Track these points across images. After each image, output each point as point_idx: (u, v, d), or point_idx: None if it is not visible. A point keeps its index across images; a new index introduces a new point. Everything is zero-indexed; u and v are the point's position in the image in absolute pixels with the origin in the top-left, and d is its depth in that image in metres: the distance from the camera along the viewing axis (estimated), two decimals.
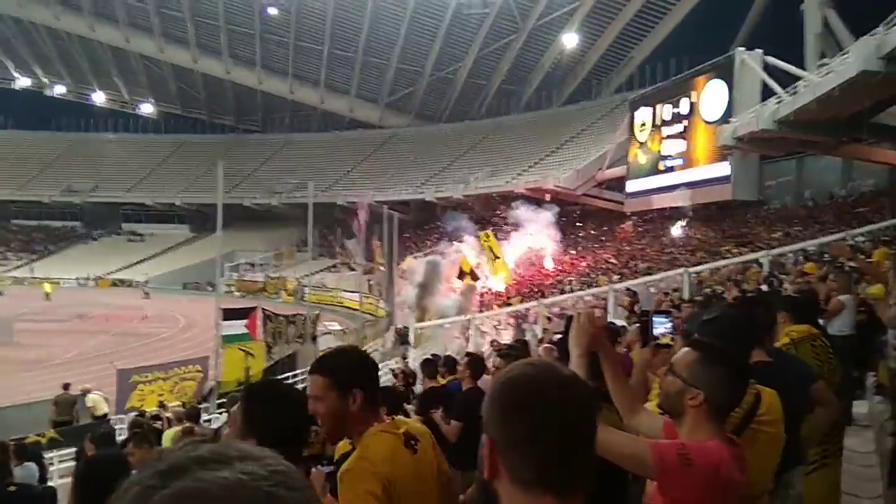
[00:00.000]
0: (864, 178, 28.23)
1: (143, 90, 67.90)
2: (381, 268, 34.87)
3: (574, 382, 1.15)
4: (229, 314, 19.23)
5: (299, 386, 12.43)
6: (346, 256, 46.82)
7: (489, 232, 33.41)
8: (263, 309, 20.86)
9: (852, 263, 9.56)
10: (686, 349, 2.04)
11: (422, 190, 49.44)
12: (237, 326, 19.03)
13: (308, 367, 2.15)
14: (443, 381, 6.63)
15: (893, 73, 17.15)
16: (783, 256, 16.73)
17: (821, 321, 6.61)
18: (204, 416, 13.14)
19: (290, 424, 2.01)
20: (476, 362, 5.72)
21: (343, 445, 2.51)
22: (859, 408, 6.18)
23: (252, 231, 54.11)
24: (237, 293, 46.30)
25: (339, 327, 28.07)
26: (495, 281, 31.72)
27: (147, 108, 69.37)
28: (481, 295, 30.04)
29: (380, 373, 2.29)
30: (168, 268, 55.28)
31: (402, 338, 23.91)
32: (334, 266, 48.50)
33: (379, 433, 2.02)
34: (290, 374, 19.44)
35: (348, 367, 2.05)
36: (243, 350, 18.74)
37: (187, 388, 17.19)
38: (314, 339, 22.32)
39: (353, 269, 43.99)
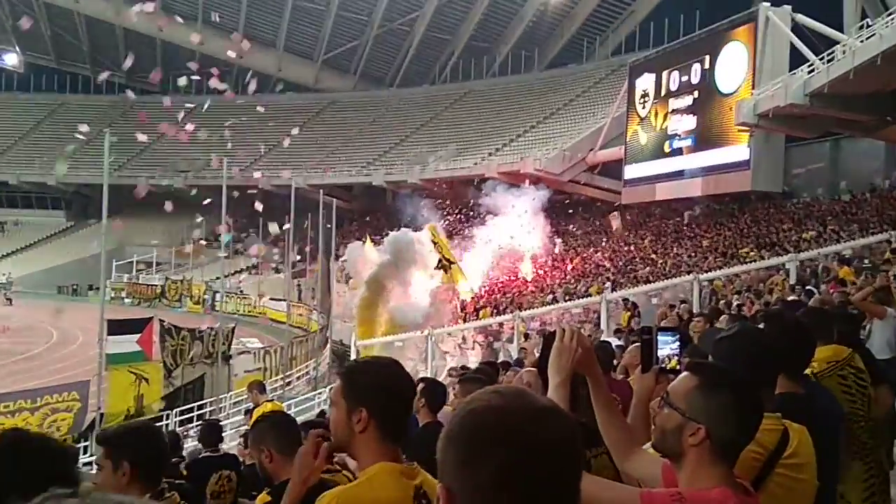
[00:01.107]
0: None
1: (6, 35, 66.16)
2: (311, 268, 34.60)
3: (553, 414, 1.14)
4: (117, 327, 18.99)
5: (209, 418, 12.28)
6: (268, 255, 46.37)
7: (435, 226, 33.33)
8: (162, 321, 20.57)
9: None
10: (685, 374, 2.05)
11: (368, 172, 49.32)
12: (127, 343, 18.81)
13: (219, 395, 2.20)
14: None
15: None
16: (813, 261, 17.18)
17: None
18: (83, 458, 12.87)
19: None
20: (434, 390, 5.69)
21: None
22: None
23: (148, 221, 53.15)
24: (128, 300, 45.51)
25: (261, 345, 27.83)
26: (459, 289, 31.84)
27: (11, 60, 67.60)
28: (461, 302, 30.02)
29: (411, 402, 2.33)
30: (38, 266, 54.10)
31: (340, 359, 23.81)
32: (254, 267, 48.03)
33: (388, 473, 2.03)
34: (195, 403, 19.16)
35: (365, 380, 2.12)
36: (135, 373, 18.47)
37: (61, 421, 16.83)
38: (228, 359, 22.06)
39: (278, 271, 43.66)
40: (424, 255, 30.88)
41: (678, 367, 2.78)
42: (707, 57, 32.45)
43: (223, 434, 7.66)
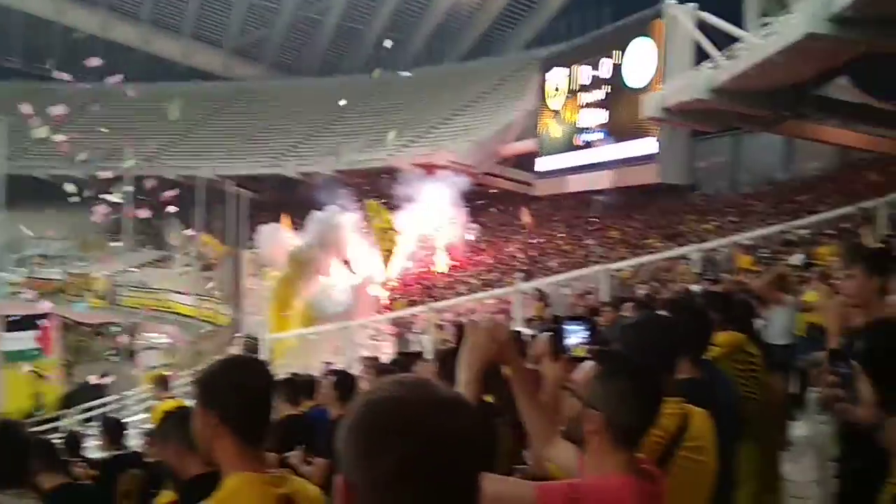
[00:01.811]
0: (807, 160, 30.55)
1: None
2: (214, 259, 33.85)
3: (455, 405, 1.13)
4: (14, 323, 18.35)
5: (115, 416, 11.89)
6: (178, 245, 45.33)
7: (376, 204, 32.82)
8: (62, 316, 19.88)
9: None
10: (586, 363, 2.09)
11: (280, 162, 48.57)
12: (25, 340, 18.25)
13: (123, 392, 2.15)
14: (304, 408, 6.53)
15: (843, 38, 18.63)
16: (716, 251, 17.81)
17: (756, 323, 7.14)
18: None
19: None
20: (345, 381, 5.68)
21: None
22: (798, 429, 6.64)
23: (47, 212, 51.12)
24: (25, 295, 43.56)
25: (168, 340, 27.20)
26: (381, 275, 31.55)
27: None
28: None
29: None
30: None
31: (251, 353, 23.40)
32: (160, 260, 46.82)
33: (248, 484, 1.91)
34: (97, 401, 18.58)
35: (215, 381, 2.01)
36: (34, 371, 17.83)
37: None
38: (132, 355, 21.50)
39: (187, 264, 42.67)
40: (346, 242, 30.47)
41: (587, 354, 2.84)
42: (616, 52, 33.17)
43: (126, 432, 7.44)
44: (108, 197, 31.88)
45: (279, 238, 32.60)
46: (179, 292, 39.60)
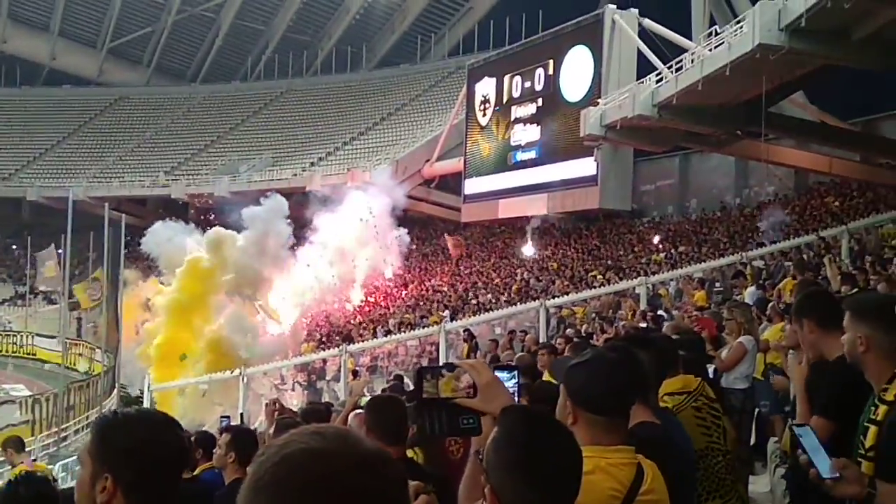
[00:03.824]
0: (761, 183, 31.53)
1: None
2: (95, 302, 32.83)
3: (381, 461, 1.14)
4: None
5: None
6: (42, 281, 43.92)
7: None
8: None
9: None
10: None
11: (165, 182, 47.71)
12: None
13: None
14: (197, 472, 6.40)
15: (798, 49, 19.42)
16: (664, 284, 18.23)
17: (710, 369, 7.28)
18: None
19: None
20: (244, 439, 5.56)
21: None
22: (757, 485, 6.80)
23: None
24: None
25: (28, 392, 26.27)
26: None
27: None
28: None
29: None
30: None
31: (130, 406, 22.79)
32: (21, 297, 45.33)
33: None
34: None
35: (116, 439, 1.92)
36: None
37: None
38: None
39: (52, 302, 41.37)
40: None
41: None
42: (551, 61, 33.77)
43: None
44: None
45: (177, 241, 32.50)
46: (43, 335, 38.29)
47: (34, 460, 9.52)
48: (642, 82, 26.38)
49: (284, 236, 31.82)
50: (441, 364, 2.18)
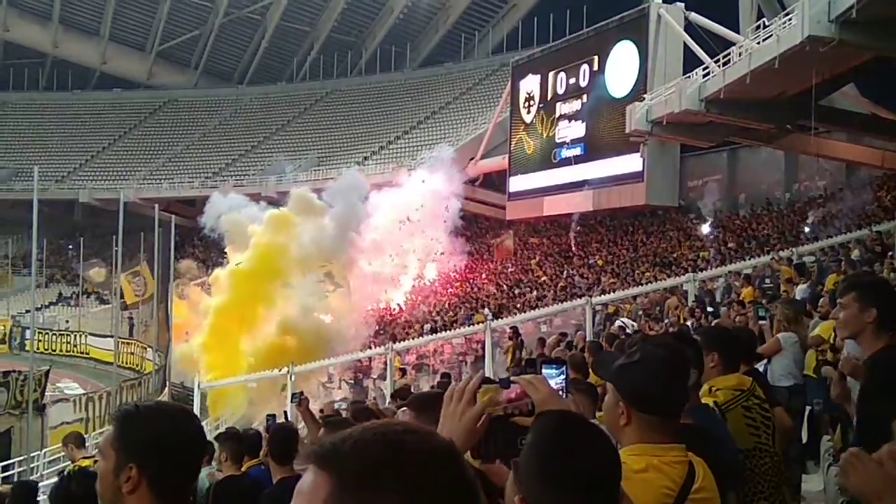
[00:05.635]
0: (812, 178, 31.02)
1: None
2: (139, 297, 33.31)
3: (454, 456, 1.16)
4: None
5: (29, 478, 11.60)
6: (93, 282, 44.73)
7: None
8: None
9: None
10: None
11: (214, 182, 48.25)
12: None
13: (30, 452, 2.12)
14: (244, 468, 6.47)
15: (849, 41, 19.06)
16: (713, 281, 18.06)
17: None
18: None
19: None
20: (285, 437, 5.59)
21: None
22: (810, 483, 6.69)
23: None
24: None
25: (82, 390, 26.74)
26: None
27: None
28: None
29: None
30: None
31: (182, 403, 23.14)
32: (73, 297, 46.10)
33: None
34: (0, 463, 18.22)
35: (140, 431, 1.99)
36: None
37: None
38: (41, 408, 21.09)
39: (105, 301, 42.06)
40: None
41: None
42: (596, 58, 33.56)
43: (38, 499, 7.29)
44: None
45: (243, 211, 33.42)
46: (96, 335, 38.96)
47: (90, 456, 9.70)
48: (689, 77, 26.15)
49: (362, 215, 31.92)
50: (499, 378, 2.09)
